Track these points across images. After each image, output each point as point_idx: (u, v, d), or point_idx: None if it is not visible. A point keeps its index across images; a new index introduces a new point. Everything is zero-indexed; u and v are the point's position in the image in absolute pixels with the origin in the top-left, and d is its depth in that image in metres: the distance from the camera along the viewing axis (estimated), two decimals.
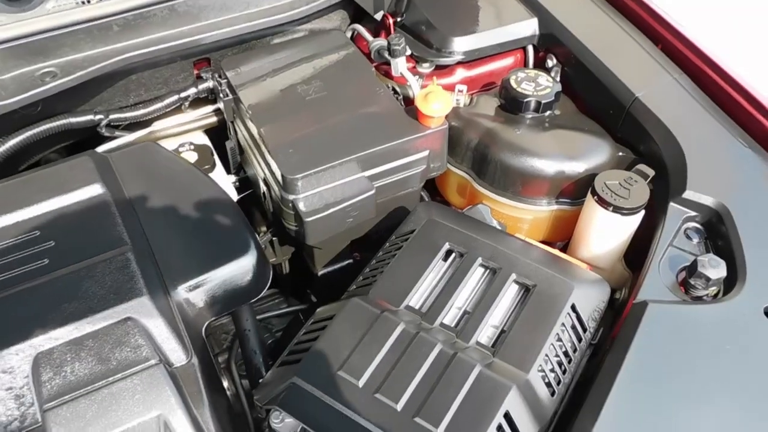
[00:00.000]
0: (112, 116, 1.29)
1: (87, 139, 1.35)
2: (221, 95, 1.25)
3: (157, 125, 1.34)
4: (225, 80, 1.25)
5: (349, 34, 1.43)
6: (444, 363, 0.82)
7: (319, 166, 1.07)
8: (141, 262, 0.95)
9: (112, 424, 0.84)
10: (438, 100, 1.10)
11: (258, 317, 1.20)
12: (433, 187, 1.39)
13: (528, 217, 1.22)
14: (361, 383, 0.81)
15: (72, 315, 0.90)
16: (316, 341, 0.86)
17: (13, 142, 1.20)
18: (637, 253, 1.14)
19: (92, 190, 1.01)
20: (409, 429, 0.76)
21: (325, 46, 1.32)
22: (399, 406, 0.78)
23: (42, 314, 0.90)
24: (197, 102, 1.38)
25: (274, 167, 1.10)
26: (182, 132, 1.36)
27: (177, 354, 0.92)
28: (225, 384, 1.09)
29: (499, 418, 0.77)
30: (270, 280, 1.08)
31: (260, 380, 1.00)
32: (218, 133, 1.39)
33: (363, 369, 0.81)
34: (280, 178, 1.08)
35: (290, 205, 1.09)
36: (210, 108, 1.40)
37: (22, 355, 0.87)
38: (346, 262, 1.31)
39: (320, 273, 1.29)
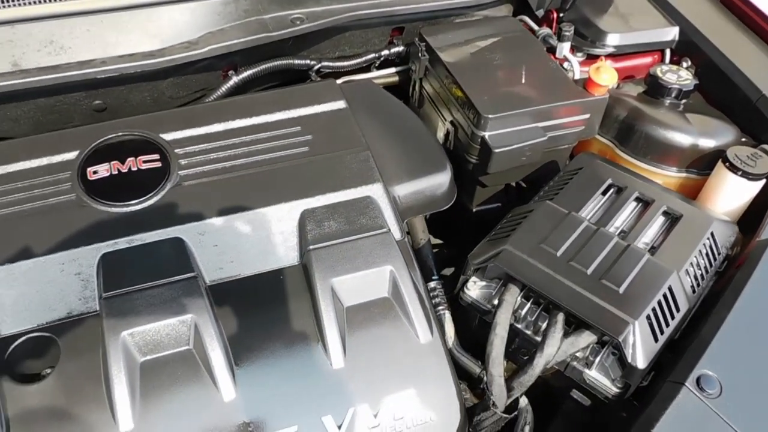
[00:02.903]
0: (323, 63, 1.60)
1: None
2: (420, 55, 1.54)
3: (352, 78, 1.65)
4: (424, 43, 1.54)
5: None
6: (619, 250, 1.09)
7: (507, 112, 1.36)
8: (375, 161, 1.24)
9: (355, 267, 1.12)
10: (607, 73, 1.38)
11: None
12: None
13: (659, 181, 1.48)
14: (558, 253, 1.08)
15: (330, 186, 1.19)
16: (520, 225, 1.14)
17: (256, 69, 1.50)
18: (749, 220, 1.38)
19: (338, 105, 1.31)
20: (597, 286, 1.03)
21: (503, 27, 1.62)
22: (589, 271, 1.05)
23: (306, 184, 1.19)
24: (383, 63, 1.69)
25: (467, 110, 1.39)
26: None
27: (396, 231, 1.20)
28: None
29: (664, 290, 1.03)
30: (456, 196, 1.36)
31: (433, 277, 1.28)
32: (392, 91, 1.70)
33: (559, 244, 1.09)
34: (473, 117, 1.37)
35: (479, 140, 1.37)
36: (393, 69, 1.71)
37: (292, 210, 1.17)
38: (497, 204, 1.59)
39: (475, 209, 1.57)
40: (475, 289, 1.17)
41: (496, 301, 1.14)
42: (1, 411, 0.97)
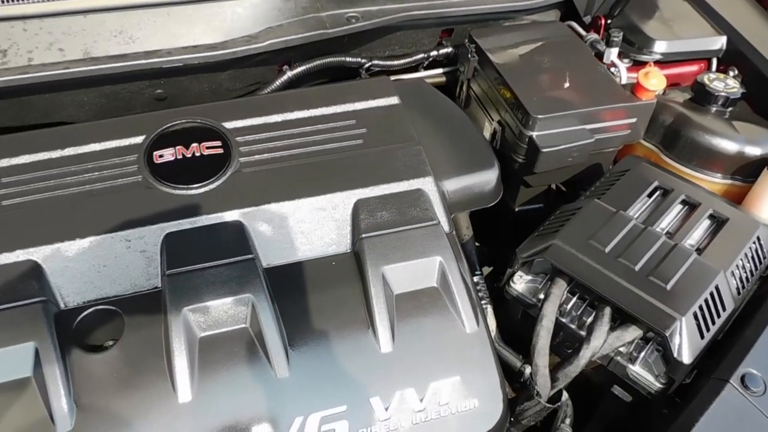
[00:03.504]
0: (373, 62, 1.65)
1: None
2: (469, 56, 1.58)
3: (400, 77, 1.69)
4: (474, 45, 1.58)
5: None
6: (667, 249, 1.11)
7: (555, 113, 1.39)
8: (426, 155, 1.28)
9: (405, 256, 1.15)
10: (656, 78, 1.40)
11: None
12: None
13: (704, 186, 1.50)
14: (606, 249, 1.11)
15: (382, 178, 1.23)
16: (569, 221, 1.17)
17: (310, 65, 1.55)
18: None
19: (391, 100, 1.35)
20: (644, 282, 1.05)
21: (551, 31, 1.65)
22: (637, 268, 1.08)
23: (360, 175, 1.23)
24: (431, 64, 1.73)
25: (515, 110, 1.42)
26: None
27: (445, 224, 1.24)
28: None
29: (711, 289, 1.05)
30: (501, 194, 1.39)
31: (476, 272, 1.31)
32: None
33: (608, 241, 1.12)
34: (521, 117, 1.40)
35: (526, 139, 1.40)
36: (440, 70, 1.75)
37: (346, 199, 1.21)
38: (538, 205, 1.62)
39: (517, 209, 1.61)
40: (521, 282, 1.20)
41: (541, 296, 1.17)
42: (68, 377, 1.02)
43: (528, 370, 1.24)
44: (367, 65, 1.64)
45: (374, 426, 1.06)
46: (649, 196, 1.30)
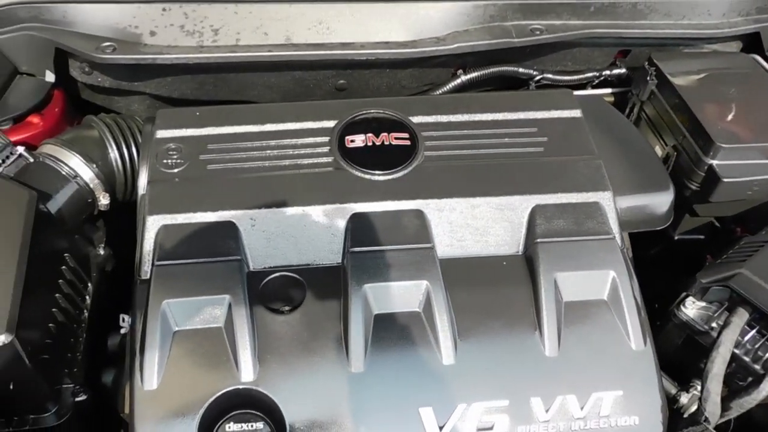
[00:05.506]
0: (545, 75, 1.67)
1: None
2: (648, 78, 1.57)
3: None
4: (654, 68, 1.57)
5: None
6: None
7: (740, 143, 1.37)
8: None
9: (579, 265, 1.17)
10: None
11: None
12: None
13: None
14: None
15: (561, 187, 1.25)
16: (758, 252, 1.15)
17: (483, 71, 1.60)
18: None
19: (574, 113, 1.37)
20: None
21: (736, 62, 1.62)
22: None
23: (539, 182, 1.26)
24: (601, 83, 1.73)
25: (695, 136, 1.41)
26: None
27: (618, 240, 1.23)
28: None
29: None
30: (672, 218, 1.38)
31: None
32: None
33: None
34: (702, 144, 1.38)
35: (705, 167, 1.38)
36: (608, 90, 1.75)
37: (524, 203, 1.24)
38: (699, 236, 1.58)
39: (677, 237, 1.58)
40: (692, 308, 1.19)
41: (713, 324, 1.15)
42: (255, 332, 1.10)
43: (684, 397, 1.23)
44: (537, 78, 1.67)
45: (533, 426, 1.08)
46: None
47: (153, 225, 1.18)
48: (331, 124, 1.32)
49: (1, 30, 1.44)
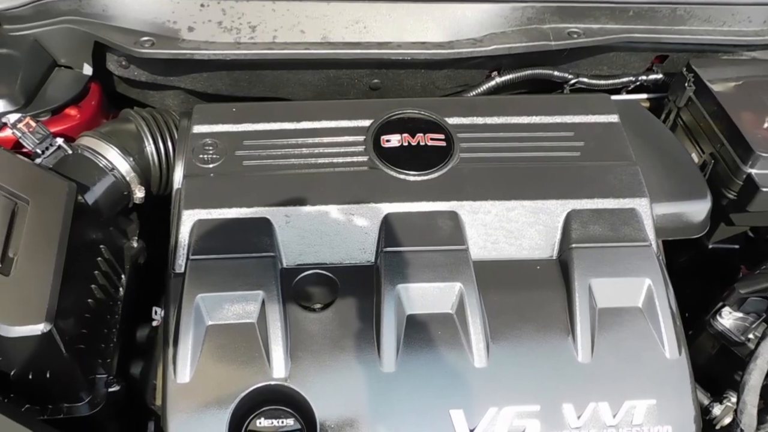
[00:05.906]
0: (580, 79, 1.66)
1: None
2: (686, 84, 1.55)
3: None
4: (692, 74, 1.55)
5: None
6: None
7: None
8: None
9: (614, 272, 1.16)
10: None
11: None
12: None
13: None
14: None
15: (598, 192, 1.24)
16: None
17: (518, 74, 1.59)
18: None
19: (611, 118, 1.35)
20: None
21: None
22: None
23: (575, 186, 1.25)
24: (636, 88, 1.72)
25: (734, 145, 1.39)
26: None
27: (654, 247, 1.22)
28: None
29: None
30: (708, 227, 1.36)
31: None
32: None
33: None
34: (741, 153, 1.36)
35: (744, 176, 1.36)
36: (644, 95, 1.73)
37: (560, 207, 1.23)
38: (734, 245, 1.56)
39: (711, 246, 1.56)
40: (729, 318, 1.18)
41: (751, 335, 1.14)
42: (287, 329, 1.10)
43: (717, 408, 1.21)
44: (572, 81, 1.65)
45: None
46: None
47: (188, 219, 1.19)
48: (366, 123, 1.32)
49: (43, 23, 1.46)
